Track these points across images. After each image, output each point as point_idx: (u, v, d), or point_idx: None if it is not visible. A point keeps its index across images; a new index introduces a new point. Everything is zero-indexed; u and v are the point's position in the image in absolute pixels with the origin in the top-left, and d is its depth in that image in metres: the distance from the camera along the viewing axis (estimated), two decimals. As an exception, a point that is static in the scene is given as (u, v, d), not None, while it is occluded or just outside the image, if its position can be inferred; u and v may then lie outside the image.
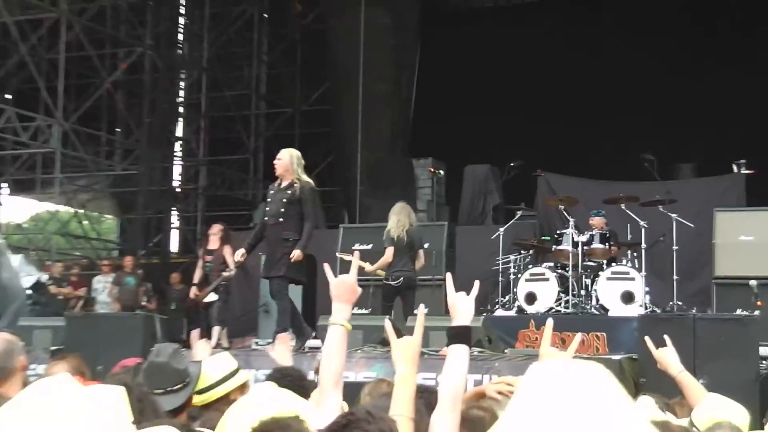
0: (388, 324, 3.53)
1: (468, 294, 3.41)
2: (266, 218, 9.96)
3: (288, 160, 9.87)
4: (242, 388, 4.60)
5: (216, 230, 12.88)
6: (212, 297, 12.41)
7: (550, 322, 3.65)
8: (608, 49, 18.05)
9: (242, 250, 10.25)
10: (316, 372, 5.84)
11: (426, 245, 12.28)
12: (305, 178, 9.87)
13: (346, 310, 3.57)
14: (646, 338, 4.68)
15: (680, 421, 3.60)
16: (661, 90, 17.86)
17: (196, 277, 12.94)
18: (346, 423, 2.39)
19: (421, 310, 3.45)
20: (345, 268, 3.85)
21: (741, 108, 17.12)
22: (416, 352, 3.32)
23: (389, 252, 10.81)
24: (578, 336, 3.77)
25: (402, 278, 10.84)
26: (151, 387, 3.85)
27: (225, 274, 12.17)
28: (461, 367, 3.28)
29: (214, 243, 12.75)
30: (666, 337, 4.45)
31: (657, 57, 17.89)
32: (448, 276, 3.55)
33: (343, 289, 3.58)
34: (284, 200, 9.76)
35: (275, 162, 10.05)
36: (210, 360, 4.72)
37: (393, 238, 10.92)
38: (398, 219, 11.08)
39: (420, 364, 3.40)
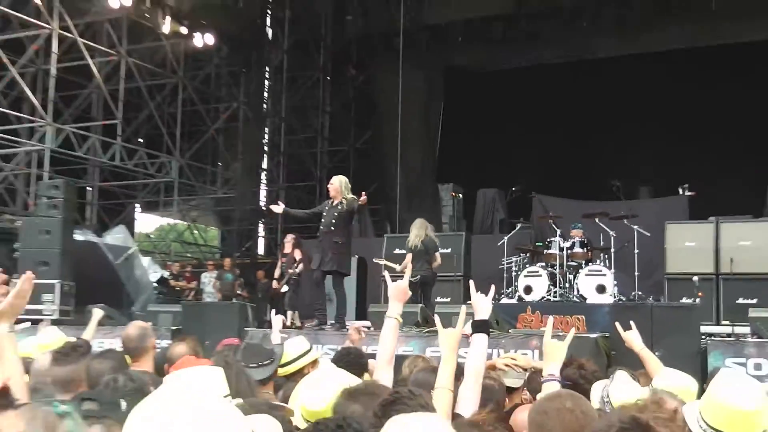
0: (437, 318, 3.56)
1: (486, 295, 3.43)
2: (321, 227, 9.91)
3: (338, 184, 9.87)
4: (314, 363, 4.58)
5: (289, 239, 12.89)
6: (286, 288, 12.42)
7: (550, 320, 3.66)
8: (586, 106, 17.87)
9: (283, 206, 10.22)
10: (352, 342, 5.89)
11: (448, 250, 12.31)
12: (350, 196, 9.81)
13: (399, 307, 3.64)
14: (616, 324, 4.62)
15: (643, 389, 3.53)
16: (626, 133, 17.59)
17: (276, 273, 12.96)
18: (393, 400, 2.35)
19: (463, 310, 3.47)
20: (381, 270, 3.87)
21: (685, 145, 16.92)
22: (458, 340, 3.35)
23: (408, 257, 10.78)
24: (572, 330, 3.74)
25: (419, 277, 10.72)
26: (247, 362, 3.86)
27: (290, 270, 12.18)
28: (482, 350, 3.31)
29: (288, 248, 12.77)
30: (631, 322, 4.40)
31: (626, 110, 17.65)
32: (471, 282, 3.58)
33: (398, 291, 3.67)
34: (335, 214, 9.76)
35: (329, 186, 10.06)
36: (289, 341, 4.72)
37: (410, 248, 10.91)
38: (416, 232, 11.04)
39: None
